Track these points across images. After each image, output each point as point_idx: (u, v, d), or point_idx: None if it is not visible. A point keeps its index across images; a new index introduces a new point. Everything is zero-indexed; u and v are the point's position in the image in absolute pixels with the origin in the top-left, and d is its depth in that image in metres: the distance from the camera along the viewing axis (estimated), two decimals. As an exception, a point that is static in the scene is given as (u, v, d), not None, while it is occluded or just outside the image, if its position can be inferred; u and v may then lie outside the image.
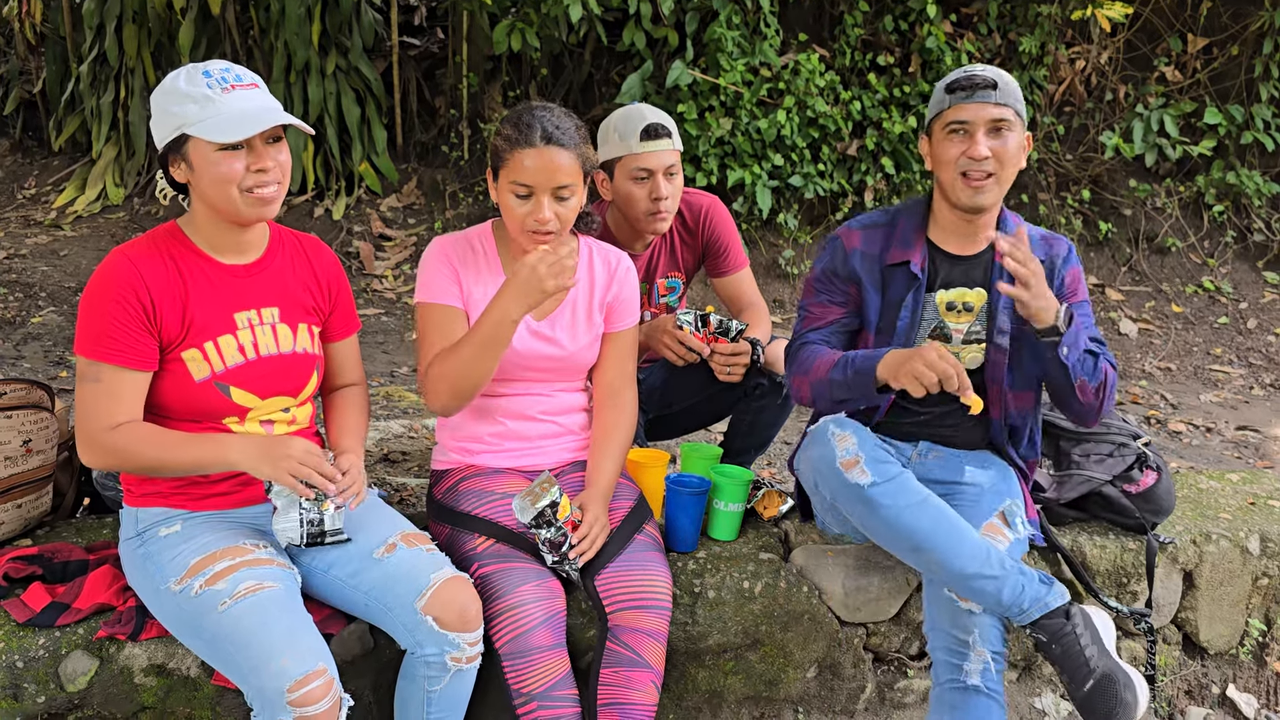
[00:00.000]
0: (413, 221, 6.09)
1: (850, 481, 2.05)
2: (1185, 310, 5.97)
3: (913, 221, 2.24)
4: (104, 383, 1.81)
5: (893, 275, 2.21)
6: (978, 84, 2.09)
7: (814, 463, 2.14)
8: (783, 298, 5.75)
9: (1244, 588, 2.65)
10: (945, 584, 2.05)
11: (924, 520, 2.01)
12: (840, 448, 2.08)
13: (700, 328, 2.49)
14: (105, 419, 1.82)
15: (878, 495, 2.03)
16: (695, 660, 2.24)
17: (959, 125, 2.10)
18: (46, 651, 1.90)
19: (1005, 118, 2.09)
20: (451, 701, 1.91)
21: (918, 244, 2.21)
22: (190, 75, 1.80)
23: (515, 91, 6.30)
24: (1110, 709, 1.91)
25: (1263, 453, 4.31)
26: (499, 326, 2.00)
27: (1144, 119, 6.08)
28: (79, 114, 6.60)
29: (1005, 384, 2.24)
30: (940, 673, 2.05)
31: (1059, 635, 1.96)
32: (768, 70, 5.66)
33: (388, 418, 3.69)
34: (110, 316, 1.80)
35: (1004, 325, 2.20)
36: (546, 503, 1.96)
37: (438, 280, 2.15)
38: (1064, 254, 2.26)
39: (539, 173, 2.02)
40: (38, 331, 4.66)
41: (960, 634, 2.02)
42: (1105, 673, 1.92)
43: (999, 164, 2.10)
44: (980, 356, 2.23)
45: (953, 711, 2.01)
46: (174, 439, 1.84)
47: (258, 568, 1.81)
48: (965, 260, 2.23)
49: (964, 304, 2.21)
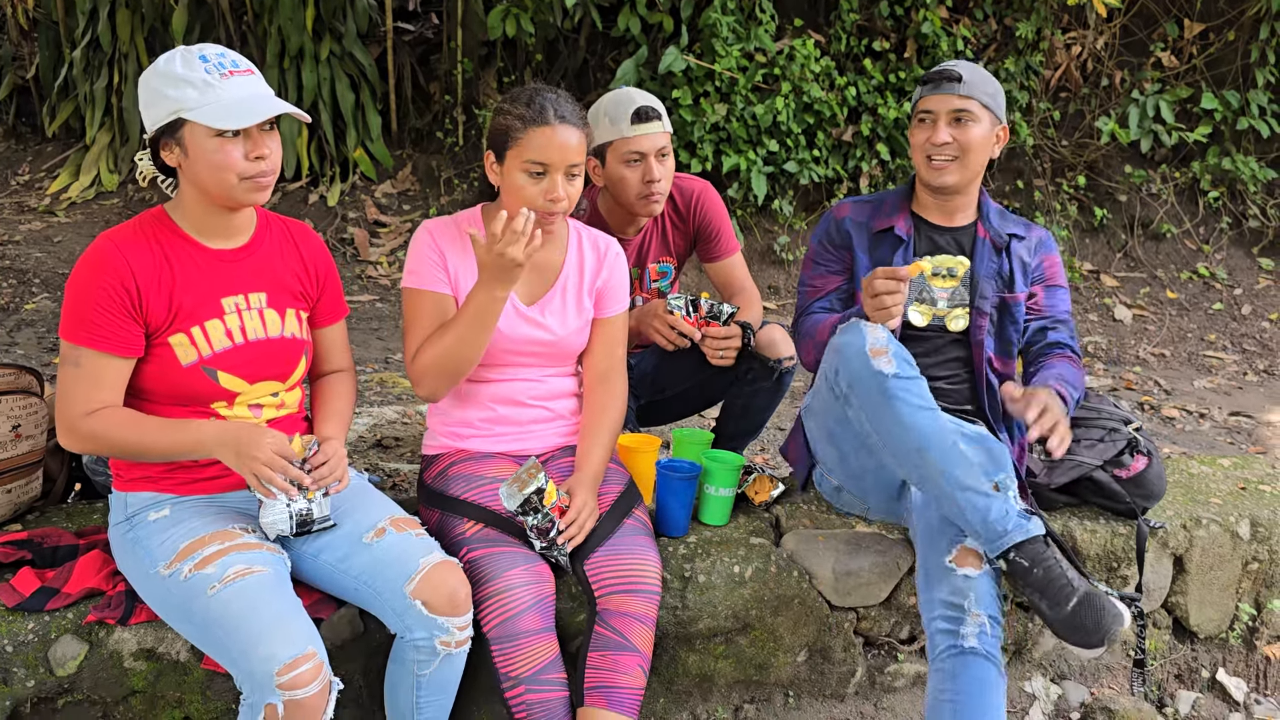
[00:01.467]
0: (407, 208, 6.08)
1: (875, 369, 2.06)
2: (1179, 296, 5.97)
3: (898, 196, 2.47)
4: (84, 367, 1.81)
5: (880, 240, 2.42)
6: (944, 77, 2.32)
7: (841, 349, 2.14)
8: (778, 284, 5.75)
9: (1234, 572, 2.66)
10: (936, 494, 2.05)
11: (933, 425, 2.04)
12: (871, 336, 2.10)
13: (691, 312, 2.49)
14: (83, 404, 1.81)
15: (898, 389, 2.04)
16: (686, 644, 2.25)
17: (925, 114, 2.35)
18: (36, 636, 1.90)
19: (967, 109, 2.30)
20: (441, 685, 1.92)
21: (902, 214, 2.43)
22: (186, 59, 1.79)
23: (510, 77, 6.28)
24: (1098, 619, 1.91)
25: (1255, 438, 4.32)
26: (485, 307, 2.01)
27: (1140, 105, 6.07)
28: (72, 99, 6.58)
29: (989, 348, 2.40)
30: (937, 642, 2.03)
31: (1040, 558, 1.97)
32: (763, 56, 5.64)
33: (381, 403, 3.69)
34: (94, 302, 1.80)
35: (986, 292, 2.39)
36: (532, 489, 1.96)
37: (426, 266, 2.14)
38: (1041, 239, 2.48)
39: (555, 150, 2.04)
40: (31, 318, 4.65)
41: (956, 599, 2.02)
42: (1087, 591, 1.94)
43: (961, 150, 2.32)
44: (965, 320, 2.38)
45: (953, 679, 1.98)
46: (150, 425, 1.84)
47: (247, 552, 1.81)
48: (948, 230, 2.44)
49: (947, 269, 2.28)
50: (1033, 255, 2.45)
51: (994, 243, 2.42)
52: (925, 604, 2.10)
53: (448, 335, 2.05)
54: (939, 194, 2.39)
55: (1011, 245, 2.42)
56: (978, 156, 2.34)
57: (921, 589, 2.12)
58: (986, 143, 2.34)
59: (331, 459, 1.90)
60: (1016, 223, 2.48)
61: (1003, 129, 2.38)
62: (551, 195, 2.06)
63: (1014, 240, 2.43)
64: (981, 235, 2.42)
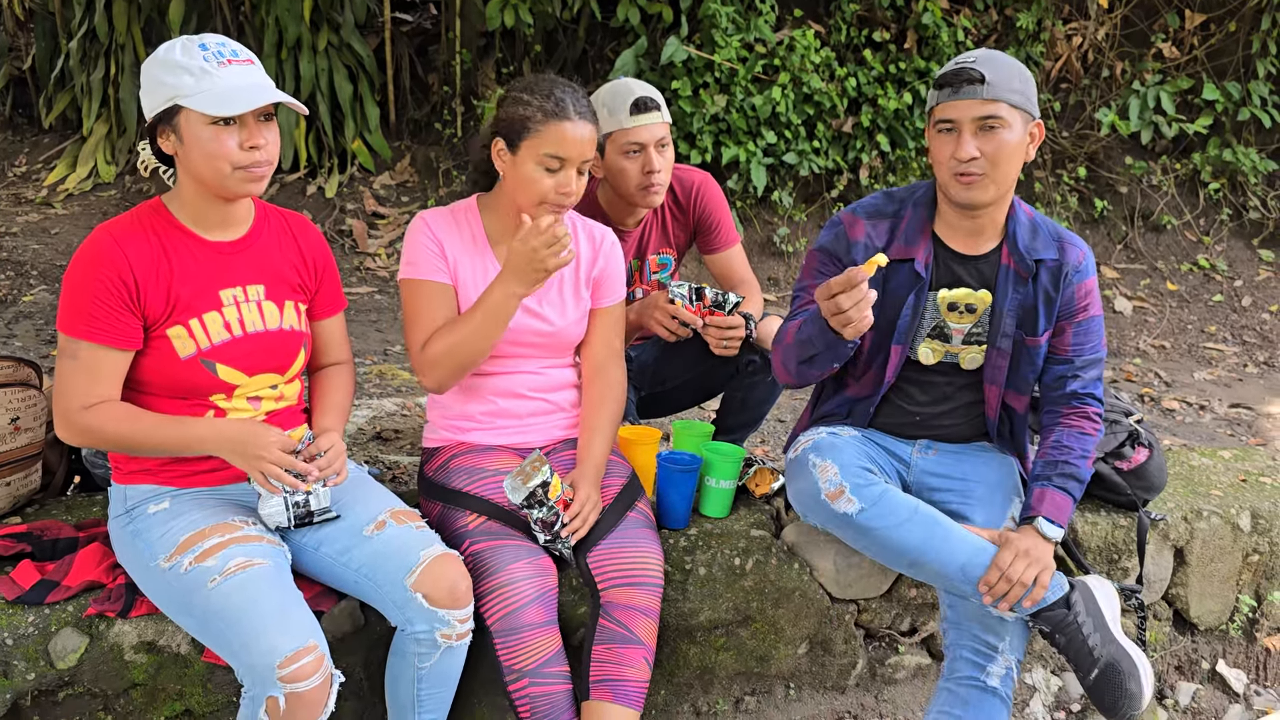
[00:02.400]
0: (406, 199, 6.06)
1: (838, 512, 2.04)
2: (1180, 288, 5.96)
3: (919, 214, 2.14)
4: (82, 360, 1.80)
5: (895, 271, 2.13)
6: (963, 79, 1.97)
7: (799, 496, 2.15)
8: (777, 276, 5.73)
9: (1234, 564, 2.66)
10: (947, 589, 2.06)
11: (916, 534, 2.00)
12: (823, 479, 2.07)
13: (694, 300, 2.48)
14: (81, 397, 1.81)
15: (867, 521, 2.02)
16: (687, 637, 2.25)
17: (946, 124, 2.00)
18: (36, 629, 1.89)
19: (995, 114, 1.96)
20: (442, 678, 1.92)
21: (923, 241, 2.12)
22: (186, 46, 1.78)
23: (509, 68, 6.26)
24: (1115, 700, 1.91)
25: (1255, 430, 4.32)
26: (502, 304, 2.02)
27: (1141, 96, 6.05)
28: (69, 90, 6.55)
29: (1003, 386, 2.20)
30: (958, 668, 2.05)
31: (1062, 626, 1.96)
32: (763, 46, 5.62)
33: (380, 396, 3.68)
34: (92, 295, 1.79)
35: (1008, 329, 2.14)
36: (538, 483, 1.96)
37: (424, 256, 2.13)
38: (1076, 263, 2.14)
39: (575, 145, 2.04)
40: (29, 310, 4.64)
41: (990, 639, 2.03)
42: (1109, 661, 1.91)
43: (990, 164, 1.98)
44: (980, 358, 2.18)
45: (965, 707, 2.01)
46: (148, 421, 1.84)
47: (247, 544, 1.80)
48: (971, 260, 2.14)
49: (966, 305, 2.14)
50: (1062, 287, 2.13)
51: (1019, 271, 2.11)
52: (951, 625, 2.09)
53: (460, 329, 2.05)
54: (968, 209, 2.07)
55: (1039, 275, 2.12)
56: (1011, 167, 2.00)
57: (948, 610, 2.11)
58: (1020, 148, 2.00)
59: (330, 451, 1.89)
60: (1049, 240, 2.13)
61: (1037, 125, 2.03)
62: (564, 189, 2.05)
63: (1041, 269, 2.12)
64: (1005, 262, 2.12)
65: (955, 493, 2.19)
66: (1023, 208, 2.17)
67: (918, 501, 2.06)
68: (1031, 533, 2.03)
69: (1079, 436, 2.14)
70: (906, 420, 2.27)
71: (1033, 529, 2.04)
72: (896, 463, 2.26)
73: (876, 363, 2.19)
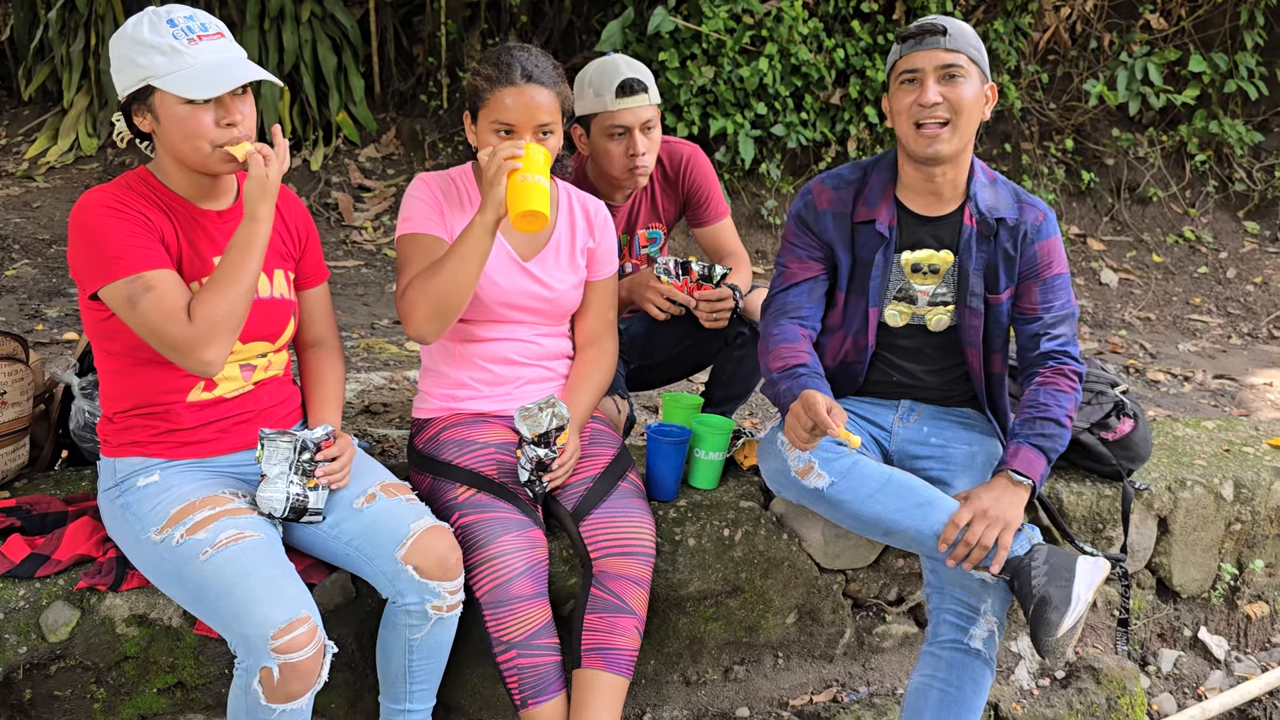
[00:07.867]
0: (391, 172, 6.02)
1: (809, 488, 2.06)
2: (1165, 260, 5.99)
3: (882, 178, 2.18)
4: (156, 286, 1.73)
5: (861, 233, 2.17)
6: (927, 30, 2.04)
7: (772, 476, 2.17)
8: (765, 248, 5.73)
9: (1217, 533, 2.69)
10: (925, 554, 2.07)
11: (889, 504, 2.02)
12: (791, 456, 2.09)
13: (681, 275, 2.48)
14: (180, 311, 1.73)
15: (838, 494, 2.04)
16: (676, 607, 2.26)
17: (910, 74, 2.06)
18: (27, 603, 1.89)
19: (957, 64, 2.03)
20: (433, 649, 1.93)
21: (885, 202, 2.16)
22: (154, 23, 1.75)
23: (494, 39, 6.20)
24: (1037, 627, 1.92)
25: (1239, 401, 4.35)
26: (475, 236, 1.98)
27: (1128, 67, 6.04)
28: (49, 62, 6.45)
29: (979, 347, 2.22)
30: (941, 631, 2.07)
31: (1018, 570, 1.98)
32: (750, 17, 5.58)
33: (368, 369, 3.67)
34: (119, 232, 1.75)
35: (976, 288, 2.17)
36: (555, 425, 1.98)
37: (422, 210, 2.14)
38: (1034, 223, 2.17)
39: (521, 111, 2.01)
40: (11, 284, 4.60)
41: (972, 600, 2.05)
42: (1041, 596, 1.92)
43: (953, 111, 2.03)
44: (947, 319, 2.21)
45: (950, 669, 2.03)
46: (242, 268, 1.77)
47: (238, 517, 1.81)
48: (933, 221, 2.17)
49: (930, 266, 2.17)
50: (1022, 247, 2.16)
51: (981, 231, 2.15)
52: (934, 590, 2.11)
53: (437, 271, 2.02)
54: (929, 165, 2.10)
55: (999, 234, 2.16)
56: (971, 118, 2.06)
57: (930, 574, 2.13)
58: (978, 103, 2.07)
59: (340, 459, 1.91)
60: (1009, 199, 2.18)
61: (991, 87, 2.11)
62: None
63: (1001, 228, 2.16)
64: (968, 222, 2.15)
65: (936, 459, 2.21)
66: (982, 168, 2.20)
67: (891, 471, 2.07)
68: (997, 486, 2.03)
69: (1054, 394, 2.13)
70: (885, 380, 2.29)
71: (1000, 481, 2.04)
72: (879, 430, 2.28)
73: (854, 329, 2.21)
